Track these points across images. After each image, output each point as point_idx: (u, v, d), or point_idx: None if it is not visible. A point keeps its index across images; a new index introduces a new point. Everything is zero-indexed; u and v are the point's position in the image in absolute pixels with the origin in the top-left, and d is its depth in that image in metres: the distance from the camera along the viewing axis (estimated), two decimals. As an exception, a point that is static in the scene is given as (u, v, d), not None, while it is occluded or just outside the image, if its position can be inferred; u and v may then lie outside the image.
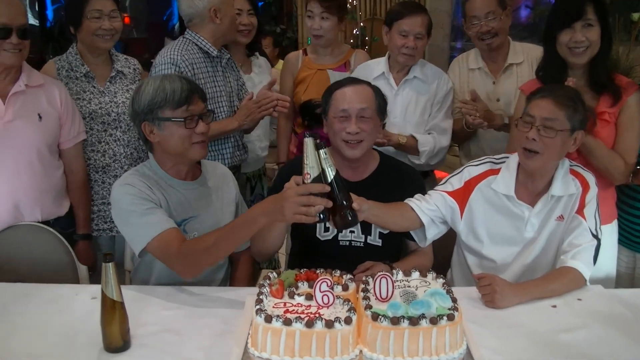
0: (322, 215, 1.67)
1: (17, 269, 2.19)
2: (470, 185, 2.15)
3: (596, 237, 2.02)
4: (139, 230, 1.92)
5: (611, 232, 2.37)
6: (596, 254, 2.01)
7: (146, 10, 9.69)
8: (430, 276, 1.71)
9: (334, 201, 1.71)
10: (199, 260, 1.85)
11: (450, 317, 1.46)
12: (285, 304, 1.56)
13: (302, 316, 1.46)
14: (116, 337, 1.59)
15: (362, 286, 1.63)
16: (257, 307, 1.50)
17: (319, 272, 1.74)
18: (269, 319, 1.45)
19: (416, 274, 1.72)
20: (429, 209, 2.12)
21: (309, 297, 1.57)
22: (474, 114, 2.53)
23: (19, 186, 2.26)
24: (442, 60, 5.68)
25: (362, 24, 6.09)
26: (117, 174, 2.53)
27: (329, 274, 1.73)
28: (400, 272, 1.72)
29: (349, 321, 1.45)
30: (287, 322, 1.44)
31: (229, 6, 2.65)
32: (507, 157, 2.16)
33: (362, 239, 2.18)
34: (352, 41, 6.07)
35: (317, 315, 1.49)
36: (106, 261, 1.52)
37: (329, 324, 1.43)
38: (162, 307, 1.85)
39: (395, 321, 1.44)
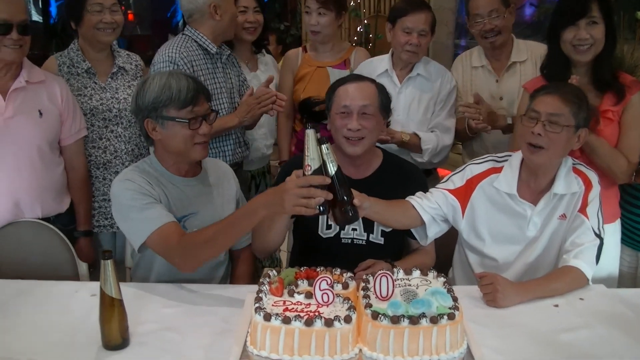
0: (322, 207, 1.66)
1: (17, 266, 2.18)
2: (472, 183, 2.14)
3: (599, 236, 2.01)
4: (139, 225, 1.91)
5: (614, 231, 2.37)
6: (599, 253, 2.00)
7: (150, 7, 9.68)
8: (431, 275, 1.71)
9: (334, 196, 1.70)
10: (199, 253, 1.84)
11: (450, 316, 1.45)
12: (284, 302, 1.56)
13: (302, 314, 1.46)
14: (115, 334, 1.58)
15: (362, 285, 1.63)
16: (256, 305, 1.50)
17: (319, 270, 1.73)
18: (268, 317, 1.44)
19: (417, 273, 1.72)
20: (430, 207, 2.11)
21: (309, 295, 1.57)
22: (477, 117, 2.50)
23: (19, 183, 2.26)
24: (446, 57, 5.64)
25: (366, 21, 6.07)
26: (118, 170, 2.53)
27: (329, 272, 1.72)
28: (401, 271, 1.71)
29: (348, 320, 1.45)
30: (286, 320, 1.43)
31: (229, 3, 2.64)
32: (510, 155, 2.15)
33: (365, 237, 2.17)
34: (355, 38, 6.04)
35: (316, 313, 1.48)
36: (105, 258, 1.52)
37: (329, 323, 1.43)
38: (162, 305, 1.85)
39: (395, 320, 1.43)
